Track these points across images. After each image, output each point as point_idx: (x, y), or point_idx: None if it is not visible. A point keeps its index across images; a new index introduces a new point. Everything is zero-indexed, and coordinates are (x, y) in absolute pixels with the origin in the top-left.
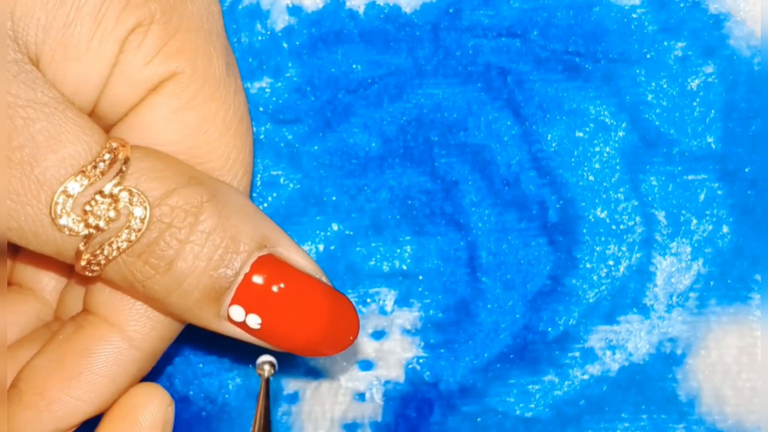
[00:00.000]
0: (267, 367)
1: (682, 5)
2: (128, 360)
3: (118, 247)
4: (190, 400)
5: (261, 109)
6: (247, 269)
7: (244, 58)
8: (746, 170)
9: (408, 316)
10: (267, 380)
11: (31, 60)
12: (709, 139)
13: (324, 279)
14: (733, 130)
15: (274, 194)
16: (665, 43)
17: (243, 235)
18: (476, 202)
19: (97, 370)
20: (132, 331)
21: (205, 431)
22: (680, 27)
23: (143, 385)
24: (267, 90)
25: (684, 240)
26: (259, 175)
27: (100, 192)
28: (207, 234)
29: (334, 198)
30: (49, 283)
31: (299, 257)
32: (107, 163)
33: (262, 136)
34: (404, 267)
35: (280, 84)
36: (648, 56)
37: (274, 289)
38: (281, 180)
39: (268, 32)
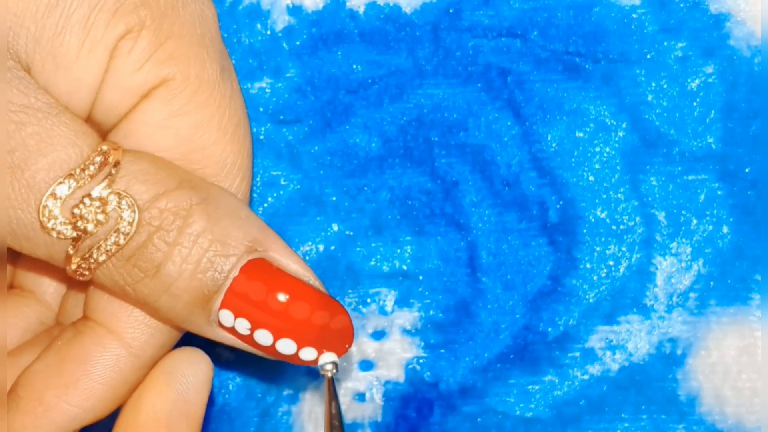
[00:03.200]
0: (329, 366)
1: (682, 5)
2: (126, 367)
3: (107, 251)
4: None
5: (261, 109)
6: (235, 273)
7: (245, 59)
8: (746, 170)
9: (408, 317)
10: (331, 380)
11: (23, 69)
12: (709, 140)
13: (317, 284)
14: (734, 131)
15: (275, 194)
16: (665, 43)
17: (232, 238)
18: (476, 203)
19: (94, 377)
20: (130, 338)
21: (205, 431)
22: (680, 27)
23: (185, 351)
24: (267, 90)
25: (684, 240)
26: (259, 176)
27: (89, 195)
28: (195, 237)
29: (334, 198)
30: (50, 286)
31: (291, 262)
32: (97, 165)
33: (262, 137)
34: (404, 267)
35: (280, 84)
36: (648, 56)
37: (261, 299)
38: (281, 180)
39: (268, 32)
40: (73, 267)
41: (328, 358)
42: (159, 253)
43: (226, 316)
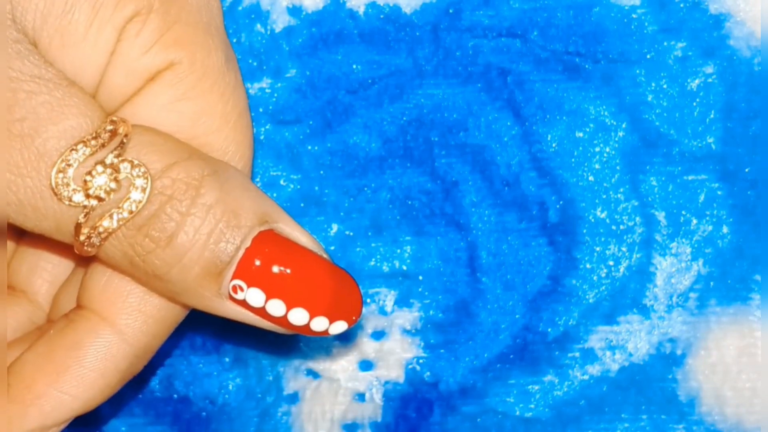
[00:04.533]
0: None
1: (682, 5)
2: (118, 355)
3: (119, 219)
4: (191, 401)
5: (261, 109)
6: (248, 244)
7: (245, 59)
8: (746, 171)
9: (408, 317)
10: None
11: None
12: (709, 140)
13: (325, 256)
14: (733, 131)
15: (275, 195)
16: (665, 44)
17: (244, 209)
18: (476, 203)
19: (86, 364)
20: (124, 324)
21: (205, 431)
22: (680, 27)
23: None
24: (267, 90)
25: (684, 240)
26: (259, 176)
27: (101, 162)
28: (208, 207)
29: (334, 199)
30: (42, 286)
31: (300, 234)
32: (108, 134)
33: (262, 137)
34: (404, 267)
35: (280, 84)
36: (648, 56)
37: (276, 267)
38: (281, 181)
39: (268, 33)
40: (83, 238)
41: (338, 328)
42: (172, 223)
43: (240, 287)
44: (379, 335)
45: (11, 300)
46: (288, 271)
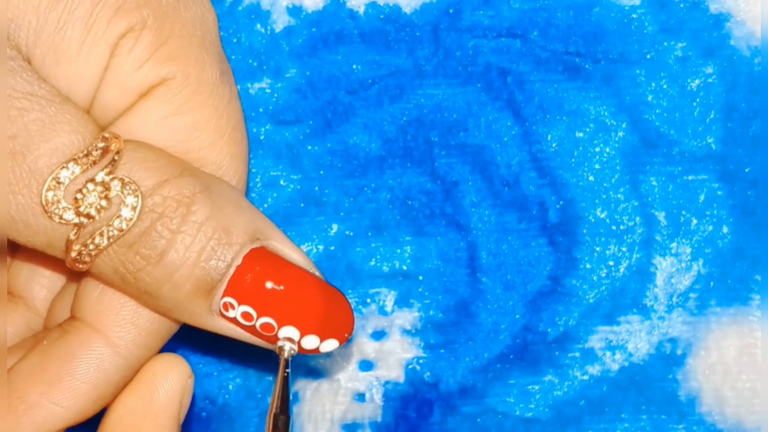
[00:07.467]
0: (288, 347)
1: (682, 5)
2: (111, 367)
3: (110, 237)
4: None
5: (261, 109)
6: (239, 261)
7: (245, 59)
8: (746, 171)
9: (408, 317)
10: (287, 362)
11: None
12: (709, 140)
13: (317, 273)
14: (733, 131)
15: (274, 195)
16: (665, 44)
17: (236, 227)
18: (476, 203)
19: (78, 376)
20: (116, 337)
21: (206, 431)
22: (680, 27)
23: (164, 355)
24: (267, 90)
25: (684, 240)
26: (259, 176)
27: (92, 180)
28: (199, 225)
29: (334, 199)
30: (40, 292)
31: (292, 251)
32: (100, 152)
33: (262, 137)
34: (404, 267)
35: (280, 84)
36: (648, 56)
37: (268, 284)
38: (281, 181)
39: (268, 33)
40: (74, 254)
41: (329, 346)
42: (162, 241)
43: (230, 305)
44: (379, 335)
45: (10, 306)
46: (279, 288)
